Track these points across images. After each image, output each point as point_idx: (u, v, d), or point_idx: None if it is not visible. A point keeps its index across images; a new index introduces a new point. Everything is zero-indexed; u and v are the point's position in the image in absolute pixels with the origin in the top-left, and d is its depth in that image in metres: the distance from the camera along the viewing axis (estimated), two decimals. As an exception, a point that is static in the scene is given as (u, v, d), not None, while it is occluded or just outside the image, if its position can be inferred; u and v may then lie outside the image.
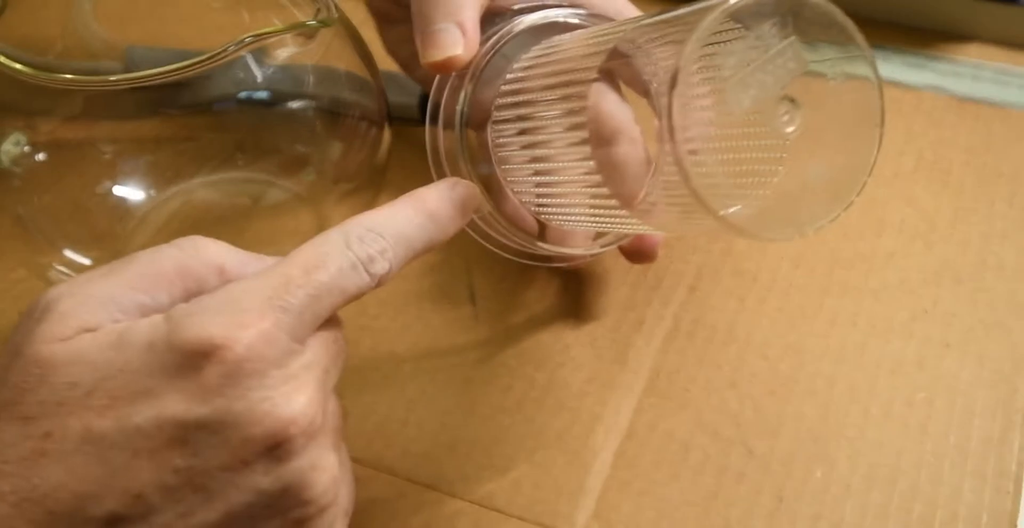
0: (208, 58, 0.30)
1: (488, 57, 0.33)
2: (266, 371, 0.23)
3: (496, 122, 0.33)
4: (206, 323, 0.23)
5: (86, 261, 0.36)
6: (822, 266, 0.41)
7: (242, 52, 0.30)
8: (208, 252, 0.25)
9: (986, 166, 0.46)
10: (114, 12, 0.41)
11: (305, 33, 0.33)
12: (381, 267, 0.26)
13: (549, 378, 0.37)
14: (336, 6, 0.33)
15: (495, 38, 0.33)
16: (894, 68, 0.51)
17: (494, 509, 0.33)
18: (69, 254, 0.36)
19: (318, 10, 0.33)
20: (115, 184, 0.37)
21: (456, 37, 0.32)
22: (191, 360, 0.22)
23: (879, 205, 0.44)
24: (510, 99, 0.32)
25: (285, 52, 0.35)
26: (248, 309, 0.23)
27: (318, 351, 0.25)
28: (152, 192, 0.39)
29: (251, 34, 0.30)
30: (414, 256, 0.27)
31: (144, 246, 0.38)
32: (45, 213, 0.36)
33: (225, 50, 0.30)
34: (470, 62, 0.32)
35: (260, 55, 0.35)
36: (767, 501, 0.33)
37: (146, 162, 0.38)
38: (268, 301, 0.23)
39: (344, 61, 0.37)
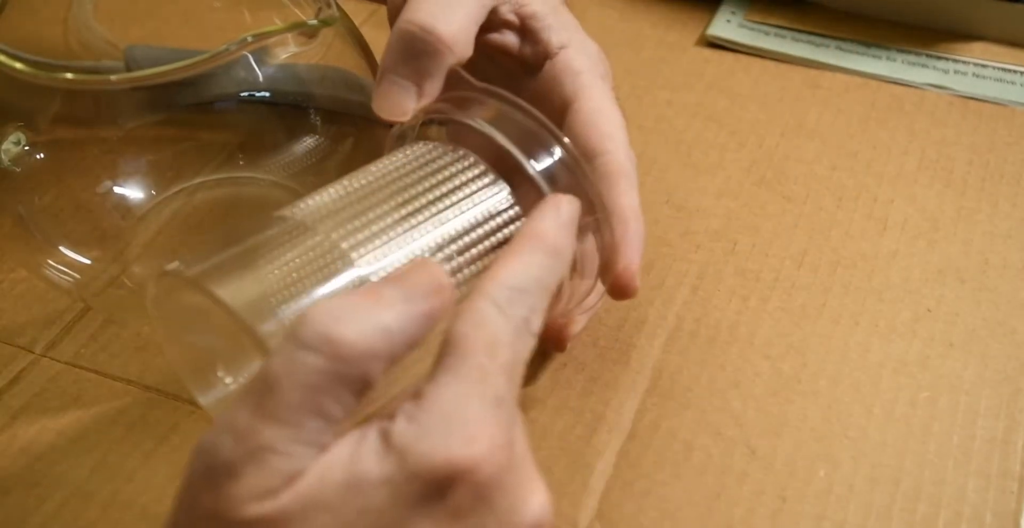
0: (209, 57, 0.30)
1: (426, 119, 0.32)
2: (505, 479, 0.23)
3: None
4: (439, 447, 0.22)
5: (86, 261, 0.36)
6: (825, 266, 0.41)
7: (243, 51, 0.30)
8: (344, 339, 0.22)
9: (989, 165, 0.46)
10: (114, 11, 0.41)
11: (306, 32, 0.32)
12: (537, 325, 0.25)
13: (552, 378, 0.37)
14: (337, 5, 0.33)
15: (439, 109, 0.32)
16: (896, 67, 0.51)
17: (496, 509, 0.33)
18: (70, 254, 0.36)
19: (319, 9, 0.33)
20: (116, 184, 0.37)
21: (410, 101, 0.31)
22: (436, 487, 0.22)
23: (882, 204, 0.44)
24: None
25: (286, 51, 0.35)
26: (470, 419, 0.22)
27: (523, 434, 0.24)
28: (153, 192, 0.39)
29: (252, 33, 0.30)
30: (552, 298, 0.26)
31: (145, 246, 0.39)
32: (46, 213, 0.36)
33: (226, 49, 0.30)
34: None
35: (261, 54, 0.35)
36: (770, 501, 0.33)
37: (147, 162, 0.38)
38: (481, 402, 0.23)
39: (345, 60, 0.37)
